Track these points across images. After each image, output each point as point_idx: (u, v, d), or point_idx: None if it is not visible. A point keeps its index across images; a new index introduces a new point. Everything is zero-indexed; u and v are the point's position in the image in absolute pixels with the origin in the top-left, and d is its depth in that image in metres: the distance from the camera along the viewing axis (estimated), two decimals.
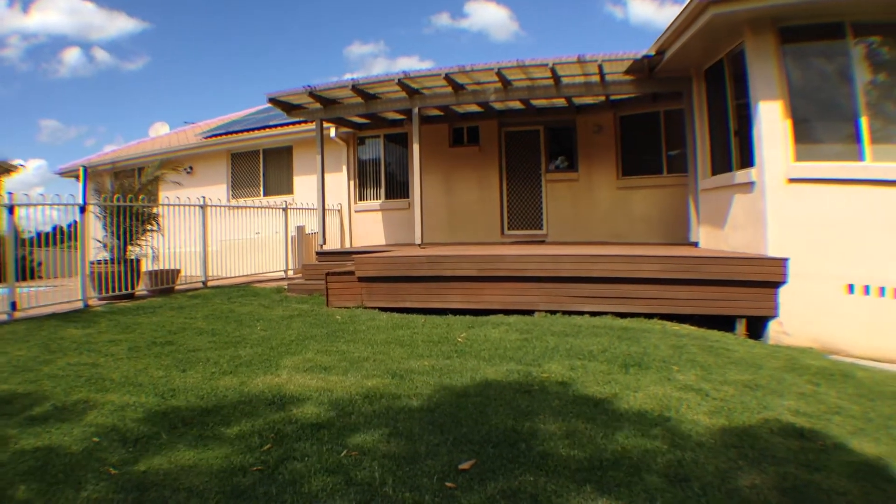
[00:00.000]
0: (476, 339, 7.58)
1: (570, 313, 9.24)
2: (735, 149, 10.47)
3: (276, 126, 19.11)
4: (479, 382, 5.62)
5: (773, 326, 8.93)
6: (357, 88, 13.51)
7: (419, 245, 13.32)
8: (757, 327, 9.14)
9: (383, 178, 17.81)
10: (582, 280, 9.37)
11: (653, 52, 11.31)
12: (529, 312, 9.44)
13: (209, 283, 13.67)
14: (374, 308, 10.27)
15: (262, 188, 19.84)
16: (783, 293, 8.88)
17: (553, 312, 9.37)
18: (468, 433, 4.32)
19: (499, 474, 3.69)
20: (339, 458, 3.98)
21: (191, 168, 20.72)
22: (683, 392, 5.43)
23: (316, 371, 6.24)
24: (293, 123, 17.69)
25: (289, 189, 19.14)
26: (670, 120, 14.40)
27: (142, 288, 12.39)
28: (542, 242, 15.20)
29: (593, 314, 9.17)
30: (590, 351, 6.76)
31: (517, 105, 15.28)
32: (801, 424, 4.92)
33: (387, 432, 4.39)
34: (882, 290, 8.51)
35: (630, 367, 6.18)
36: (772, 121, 9.11)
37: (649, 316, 9.09)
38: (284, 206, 16.28)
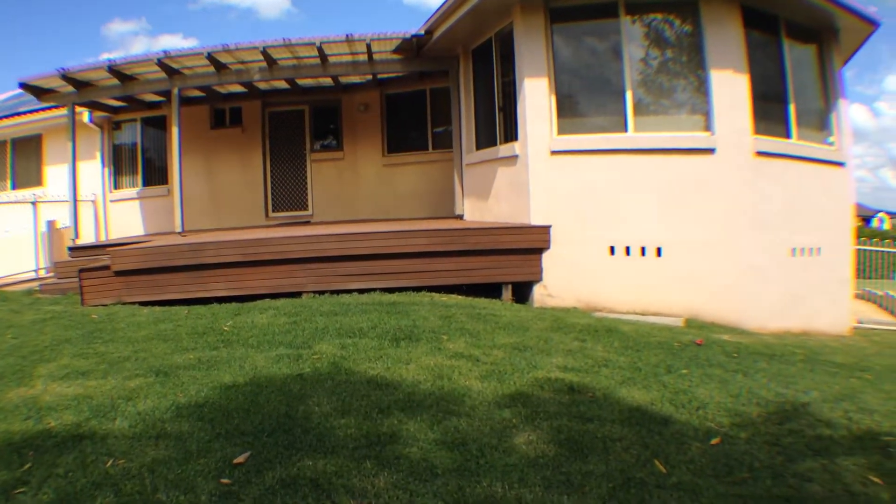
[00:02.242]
0: (243, 326, 7.24)
1: (338, 292, 9.11)
2: (500, 124, 10.76)
3: (25, 113, 17.30)
4: (249, 371, 5.34)
5: (538, 290, 9.33)
6: (114, 69, 12.45)
7: (180, 233, 12.58)
8: (523, 292, 9.50)
9: (141, 165, 16.61)
10: (349, 258, 9.25)
11: (422, 32, 11.32)
12: (297, 295, 9.21)
13: None
14: (135, 303, 9.52)
15: (10, 181, 17.90)
16: (547, 258, 9.31)
17: (321, 293, 9.18)
18: (240, 425, 4.08)
19: (276, 463, 3.51)
20: (105, 469, 3.58)
21: None
22: (455, 360, 5.48)
23: (73, 377, 5.63)
24: (45, 109, 16.09)
25: (39, 181, 17.39)
26: (436, 97, 14.58)
27: None
28: (307, 223, 14.94)
29: (362, 291, 9.09)
30: (360, 328, 6.65)
31: (283, 85, 14.88)
32: (570, 379, 5.10)
33: (154, 434, 4.03)
34: (643, 250, 9.16)
35: (401, 341, 6.14)
36: (537, 97, 9.42)
37: (418, 289, 9.17)
38: (34, 199, 14.88)
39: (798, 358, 7.27)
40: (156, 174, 16.53)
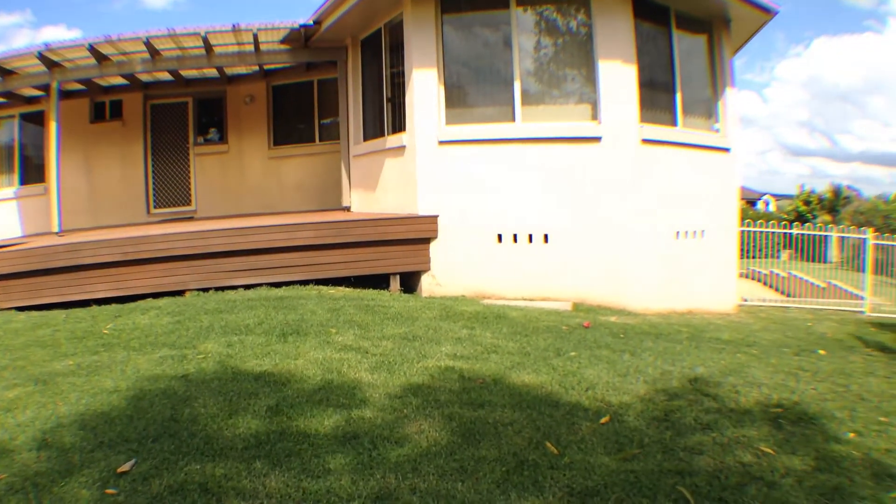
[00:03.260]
0: (125, 328, 6.93)
1: (223, 289, 8.89)
2: (388, 115, 10.70)
3: None
4: (131, 375, 5.09)
5: (427, 279, 9.36)
6: None
7: (58, 233, 11.92)
8: (413, 282, 9.53)
9: (19, 163, 15.60)
10: (234, 254, 9.01)
11: (311, 22, 11.08)
12: (181, 293, 8.92)
13: None
14: (10, 309, 8.97)
15: None
16: (436, 247, 9.34)
17: (206, 290, 8.93)
18: (124, 432, 3.88)
19: (163, 470, 3.34)
20: None
21: None
22: (344, 353, 5.39)
23: None
24: None
25: None
26: (324, 89, 14.32)
27: None
28: (191, 219, 14.47)
29: (248, 287, 8.90)
30: (246, 325, 6.48)
31: (165, 76, 14.33)
32: (460, 367, 5.09)
33: (35, 447, 3.77)
34: (530, 237, 9.29)
35: (288, 336, 6.00)
36: (426, 88, 9.43)
37: (305, 283, 9.05)
38: None
39: (684, 336, 7.49)
40: (35, 172, 15.50)
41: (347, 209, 12.26)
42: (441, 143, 9.40)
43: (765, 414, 4.54)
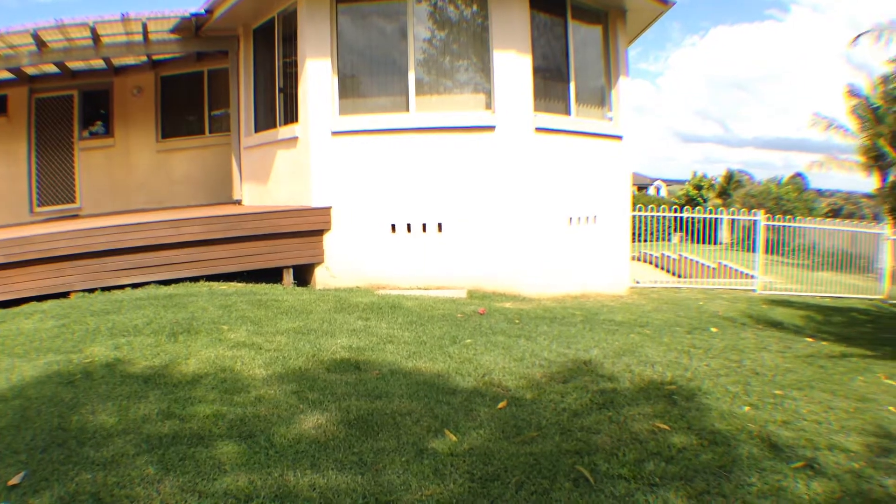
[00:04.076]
0: (8, 334, 6.55)
1: (110, 289, 8.51)
2: (281, 106, 10.50)
3: None
4: (16, 383, 4.81)
5: (321, 272, 9.26)
6: None
7: None
8: (307, 275, 9.39)
9: None
10: (121, 252, 8.62)
11: (203, 11, 10.72)
12: (66, 294, 8.46)
13: None
14: None
15: None
16: (330, 239, 9.23)
17: (92, 291, 8.52)
18: (12, 443, 3.66)
19: (53, 481, 3.15)
20: None
21: None
22: (237, 350, 5.26)
23: None
24: None
25: None
26: (215, 79, 13.90)
27: None
28: (76, 216, 13.81)
29: (136, 286, 8.57)
30: (135, 325, 6.23)
31: (52, 69, 13.56)
32: (356, 358, 5.05)
33: None
34: (424, 227, 9.27)
35: (179, 335, 5.80)
36: (319, 78, 9.27)
37: (195, 279, 8.78)
38: None
39: (578, 319, 7.61)
40: None
41: (239, 202, 11.99)
42: (335, 133, 9.27)
43: (659, 391, 4.62)
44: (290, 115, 10.05)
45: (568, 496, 3.01)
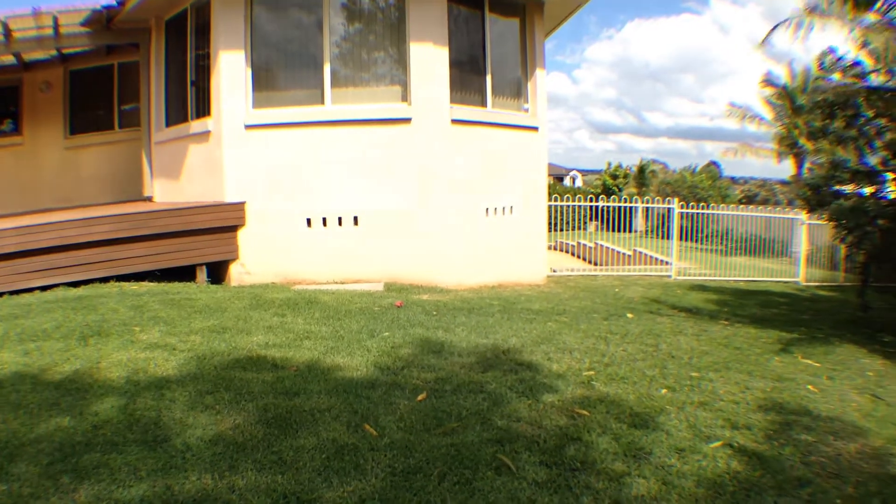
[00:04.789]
0: None
1: (18, 292, 8.17)
2: (193, 99, 10.25)
3: None
4: None
5: (236, 268, 9.09)
6: None
7: None
8: (221, 272, 9.21)
9: None
10: (27, 253, 8.27)
11: (115, 2, 10.35)
12: None
13: None
14: None
15: None
16: (244, 235, 9.07)
17: (0, 295, 8.07)
18: None
19: None
20: None
21: None
22: (150, 351, 5.11)
23: None
24: None
25: None
26: (126, 73, 13.47)
27: None
28: None
29: (45, 288, 8.25)
30: (43, 330, 5.98)
31: None
32: (273, 356, 4.97)
33: None
34: (340, 220, 9.18)
35: (89, 339, 5.60)
36: (233, 70, 9.08)
37: (106, 280, 8.52)
38: None
39: (496, 309, 7.66)
40: None
41: (150, 199, 11.69)
42: (248, 127, 9.10)
43: (578, 378, 4.67)
44: (203, 109, 9.81)
45: (490, 485, 3.02)
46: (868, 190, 9.43)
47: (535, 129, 10.93)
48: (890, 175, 9.14)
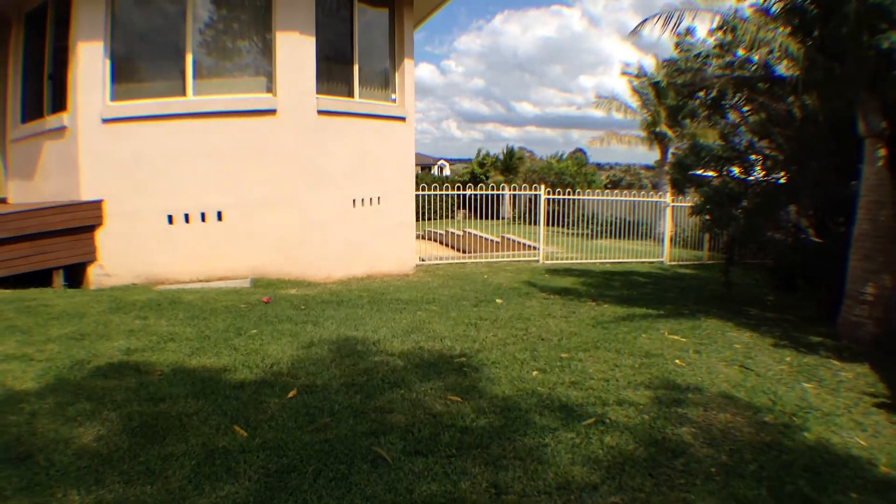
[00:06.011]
0: None
1: None
2: (49, 94, 9.73)
3: None
4: None
5: (94, 271, 8.70)
6: None
7: None
8: (78, 275, 8.78)
9: None
10: None
11: None
12: None
13: None
14: None
15: None
16: (103, 235, 8.68)
17: None
18: None
19: None
20: None
21: None
22: (5, 363, 4.80)
23: None
24: None
25: None
26: None
27: None
28: None
29: None
30: None
31: None
32: (135, 360, 4.81)
33: None
34: (203, 216, 8.96)
35: None
36: (91, 63, 8.65)
37: None
38: None
39: (365, 301, 7.69)
40: None
41: (5, 201, 10.99)
42: (107, 121, 8.70)
43: (450, 365, 4.74)
44: (60, 104, 9.28)
45: (367, 478, 3.04)
46: (736, 170, 9.82)
47: (403, 119, 10.97)
48: (754, 157, 9.55)
